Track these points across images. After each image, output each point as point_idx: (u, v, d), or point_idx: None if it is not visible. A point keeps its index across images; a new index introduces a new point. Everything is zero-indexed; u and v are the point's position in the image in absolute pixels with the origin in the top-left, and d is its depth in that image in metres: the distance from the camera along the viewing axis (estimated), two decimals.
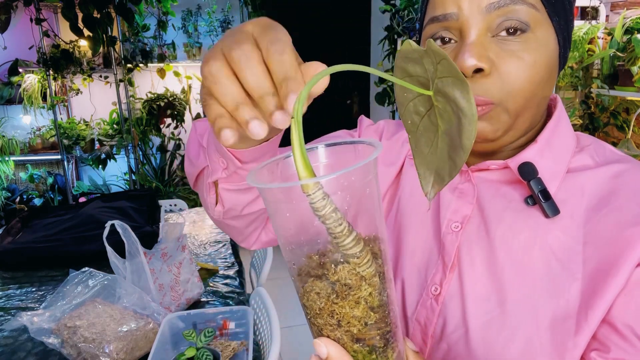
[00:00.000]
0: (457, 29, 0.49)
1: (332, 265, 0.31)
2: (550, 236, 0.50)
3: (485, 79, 0.47)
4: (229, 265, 1.62)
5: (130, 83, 3.50)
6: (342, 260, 0.31)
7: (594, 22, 2.17)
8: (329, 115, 4.21)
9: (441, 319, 0.53)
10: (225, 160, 0.49)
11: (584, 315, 0.47)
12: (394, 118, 3.20)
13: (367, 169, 0.31)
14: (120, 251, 1.24)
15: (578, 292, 0.48)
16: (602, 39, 2.19)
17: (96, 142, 3.49)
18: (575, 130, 0.58)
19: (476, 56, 0.46)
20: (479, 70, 0.47)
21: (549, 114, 0.58)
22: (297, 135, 0.30)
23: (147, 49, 3.42)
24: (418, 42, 0.57)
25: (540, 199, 0.49)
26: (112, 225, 1.19)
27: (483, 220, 0.54)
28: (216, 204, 0.56)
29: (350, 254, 0.31)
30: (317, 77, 0.30)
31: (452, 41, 0.50)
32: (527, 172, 0.50)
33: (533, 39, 0.47)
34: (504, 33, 0.47)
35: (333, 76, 0.33)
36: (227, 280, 1.50)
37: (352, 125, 0.80)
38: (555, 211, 0.49)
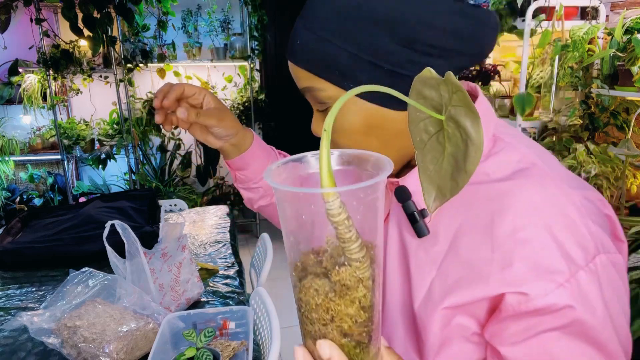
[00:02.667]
0: None
1: (336, 267, 0.34)
2: (417, 253, 0.55)
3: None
4: (229, 265, 1.62)
5: (130, 83, 3.50)
6: (345, 263, 0.34)
7: (594, 22, 2.17)
8: None
9: None
10: (232, 169, 0.81)
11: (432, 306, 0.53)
12: None
13: (379, 185, 0.35)
14: (120, 251, 1.23)
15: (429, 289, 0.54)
16: (602, 39, 2.19)
17: (96, 142, 3.49)
18: (574, 130, 0.59)
19: (314, 130, 0.61)
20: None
21: None
22: (325, 145, 0.34)
23: (147, 49, 3.42)
24: None
25: (409, 220, 0.55)
26: (112, 225, 1.19)
27: (387, 225, 0.61)
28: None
29: (354, 258, 0.34)
30: (343, 98, 0.34)
31: None
32: (400, 195, 0.55)
33: (339, 112, 0.54)
34: (319, 109, 0.59)
35: None
36: (227, 280, 1.50)
37: None
38: (422, 233, 0.54)
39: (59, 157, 3.40)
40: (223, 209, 2.23)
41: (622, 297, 0.47)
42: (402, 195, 0.55)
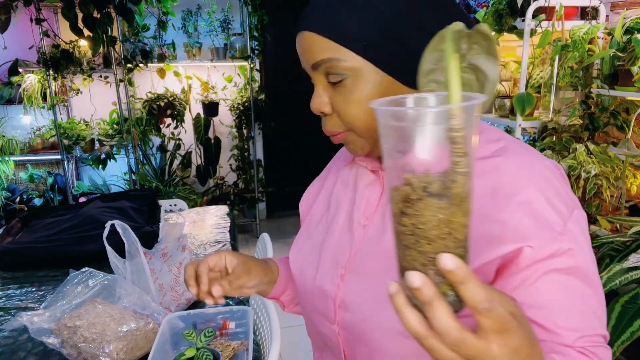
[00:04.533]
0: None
1: (452, 181, 0.37)
2: None
3: (330, 117, 0.62)
4: None
5: (130, 83, 3.50)
6: (456, 178, 0.37)
7: (594, 22, 2.17)
8: None
9: (343, 294, 0.64)
10: (276, 299, 0.85)
11: None
12: None
13: (478, 106, 0.38)
14: (120, 251, 1.23)
15: None
16: (602, 39, 2.19)
17: (96, 142, 3.49)
18: (574, 130, 0.60)
19: (317, 105, 0.61)
20: (323, 112, 0.62)
21: None
22: (455, 66, 0.38)
23: (147, 49, 3.42)
24: None
25: None
26: (112, 225, 1.19)
27: (386, 212, 0.64)
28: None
29: (463, 172, 0.37)
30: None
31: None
32: None
33: (353, 82, 0.57)
34: (332, 81, 0.59)
35: None
36: None
37: None
38: None
39: (59, 157, 3.40)
40: (223, 209, 2.23)
41: (589, 243, 0.57)
42: None
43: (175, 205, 2.45)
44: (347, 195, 0.72)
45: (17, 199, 3.52)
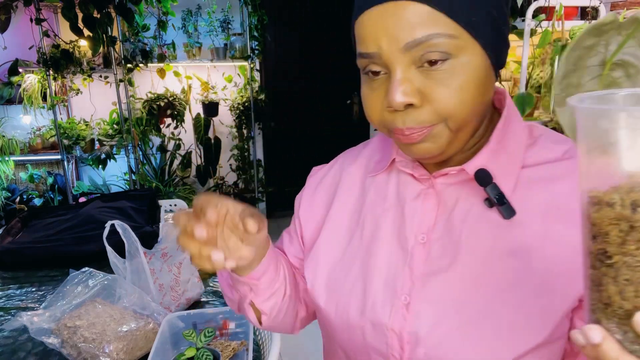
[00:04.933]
0: (382, 65, 0.50)
1: None
2: (509, 236, 0.53)
3: (418, 110, 0.50)
4: None
5: (130, 83, 3.50)
6: None
7: (593, 22, 2.17)
8: (328, 115, 4.22)
9: (414, 326, 0.55)
10: (247, 285, 0.63)
11: (549, 316, 0.51)
12: None
13: None
14: (120, 251, 1.23)
15: (541, 289, 0.51)
16: None
17: (96, 142, 3.49)
18: None
19: (403, 94, 0.49)
20: (410, 105, 0.50)
21: (496, 107, 0.60)
22: None
23: (147, 49, 3.42)
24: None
25: (497, 203, 0.53)
26: (112, 225, 1.19)
27: (448, 226, 0.57)
28: (259, 320, 0.68)
29: None
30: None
31: (381, 72, 0.51)
32: (483, 178, 0.53)
33: (457, 65, 0.48)
34: (427, 64, 0.48)
35: (333, 76, 0.33)
36: None
37: (351, 124, 0.84)
38: (512, 213, 0.53)
39: (59, 157, 3.40)
40: None
41: None
42: (485, 178, 0.53)
43: (175, 205, 2.45)
44: (388, 208, 0.62)
45: (17, 199, 3.52)
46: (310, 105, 4.12)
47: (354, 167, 0.70)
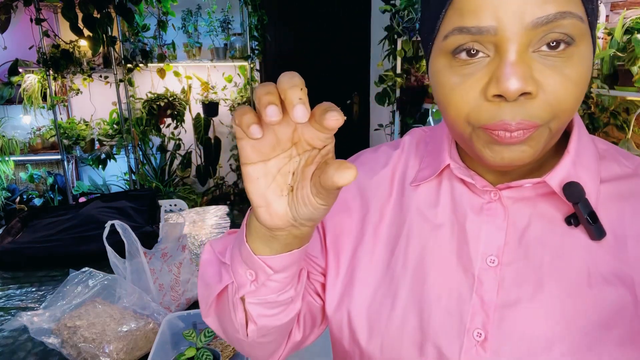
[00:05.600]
0: (491, 43, 0.41)
1: None
2: (599, 260, 0.46)
3: (531, 102, 0.41)
4: None
5: (130, 83, 3.50)
6: None
7: None
8: None
9: None
10: (254, 271, 0.45)
11: None
12: (393, 118, 3.20)
13: None
14: (120, 251, 1.23)
15: (636, 316, 0.45)
16: (602, 39, 2.19)
17: (96, 142, 3.49)
18: None
19: (522, 79, 0.39)
20: (524, 93, 0.41)
21: None
22: None
23: (147, 49, 3.42)
24: (419, 44, 0.55)
25: (589, 221, 0.45)
26: (112, 225, 1.19)
27: (523, 247, 0.48)
28: (246, 324, 0.50)
29: None
30: None
31: (481, 54, 0.42)
32: (574, 193, 0.45)
33: (577, 53, 0.41)
34: (545, 47, 0.40)
35: (332, 76, 0.32)
36: None
37: (351, 124, 0.81)
38: (603, 233, 0.46)
39: (59, 157, 3.40)
40: (223, 209, 2.23)
41: None
42: (576, 194, 0.45)
43: (175, 205, 2.45)
44: (441, 224, 0.53)
45: (17, 199, 3.52)
46: (310, 105, 4.11)
47: (381, 175, 0.59)
